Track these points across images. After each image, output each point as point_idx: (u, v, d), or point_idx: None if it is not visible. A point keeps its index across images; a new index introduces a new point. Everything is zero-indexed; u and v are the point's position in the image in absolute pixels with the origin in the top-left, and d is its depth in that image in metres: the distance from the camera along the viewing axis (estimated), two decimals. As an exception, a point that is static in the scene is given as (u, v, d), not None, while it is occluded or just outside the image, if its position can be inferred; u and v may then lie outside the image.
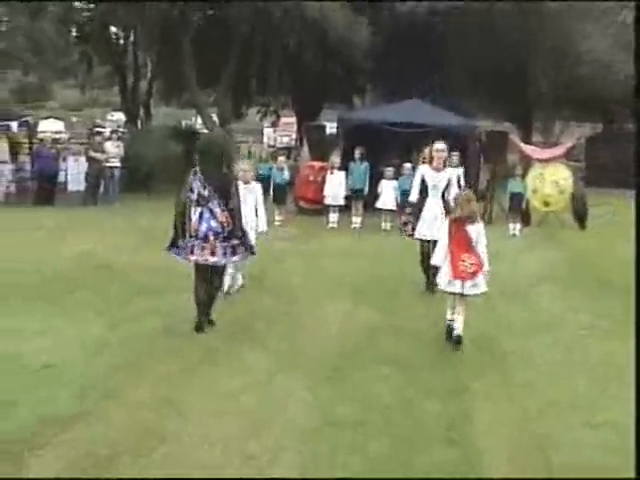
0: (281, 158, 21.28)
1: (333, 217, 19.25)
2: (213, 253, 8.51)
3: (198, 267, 8.71)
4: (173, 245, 8.71)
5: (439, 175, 11.18)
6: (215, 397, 6.76)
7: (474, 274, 8.47)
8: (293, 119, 39.97)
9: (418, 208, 11.29)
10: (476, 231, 8.64)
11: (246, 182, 10.90)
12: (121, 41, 32.80)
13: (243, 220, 8.99)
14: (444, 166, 11.30)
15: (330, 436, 5.98)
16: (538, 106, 38.95)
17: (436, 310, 9.77)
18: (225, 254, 8.58)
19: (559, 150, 22.38)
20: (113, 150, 23.11)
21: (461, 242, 8.56)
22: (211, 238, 8.47)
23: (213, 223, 8.48)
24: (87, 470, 5.27)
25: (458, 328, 8.54)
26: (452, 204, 9.46)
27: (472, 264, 8.46)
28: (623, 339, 9.02)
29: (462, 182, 19.36)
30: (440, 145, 11.19)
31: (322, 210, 19.71)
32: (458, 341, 8.48)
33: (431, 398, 6.87)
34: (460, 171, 19.33)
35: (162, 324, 9.01)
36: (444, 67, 29.35)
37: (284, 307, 10.20)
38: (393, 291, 11.41)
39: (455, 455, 5.69)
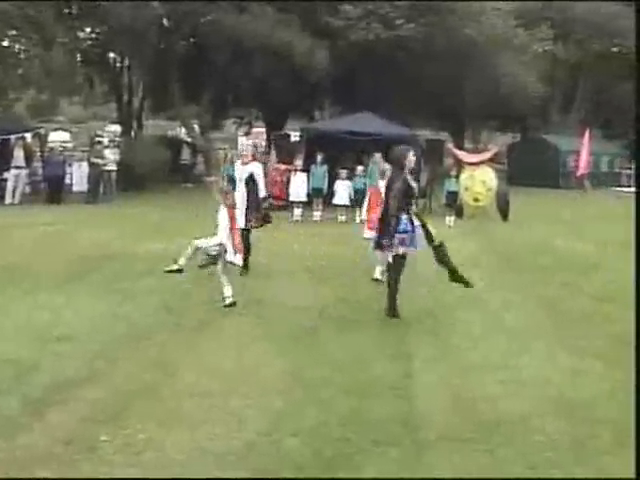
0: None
1: (297, 211, 19.30)
2: (411, 243, 8.41)
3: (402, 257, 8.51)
4: (377, 247, 8.77)
5: (245, 168, 10.92)
6: (204, 361, 6.79)
7: None
8: (263, 129, 39.84)
9: None
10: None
11: None
12: (118, 65, 32.61)
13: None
14: (252, 160, 11.08)
15: (301, 392, 6.05)
16: (468, 119, 39.43)
17: (376, 284, 9.98)
18: (416, 245, 8.48)
19: (486, 155, 22.60)
20: (111, 156, 23.08)
21: (234, 223, 8.88)
22: (409, 230, 8.39)
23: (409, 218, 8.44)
24: (97, 422, 5.29)
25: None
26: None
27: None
28: (535, 312, 9.24)
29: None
30: (247, 142, 11.01)
31: (287, 206, 19.71)
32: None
33: (381, 361, 6.93)
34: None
35: (161, 301, 9.03)
36: (392, 86, 29.33)
37: (261, 283, 10.25)
38: (345, 268, 11.61)
39: (401, 407, 5.77)
